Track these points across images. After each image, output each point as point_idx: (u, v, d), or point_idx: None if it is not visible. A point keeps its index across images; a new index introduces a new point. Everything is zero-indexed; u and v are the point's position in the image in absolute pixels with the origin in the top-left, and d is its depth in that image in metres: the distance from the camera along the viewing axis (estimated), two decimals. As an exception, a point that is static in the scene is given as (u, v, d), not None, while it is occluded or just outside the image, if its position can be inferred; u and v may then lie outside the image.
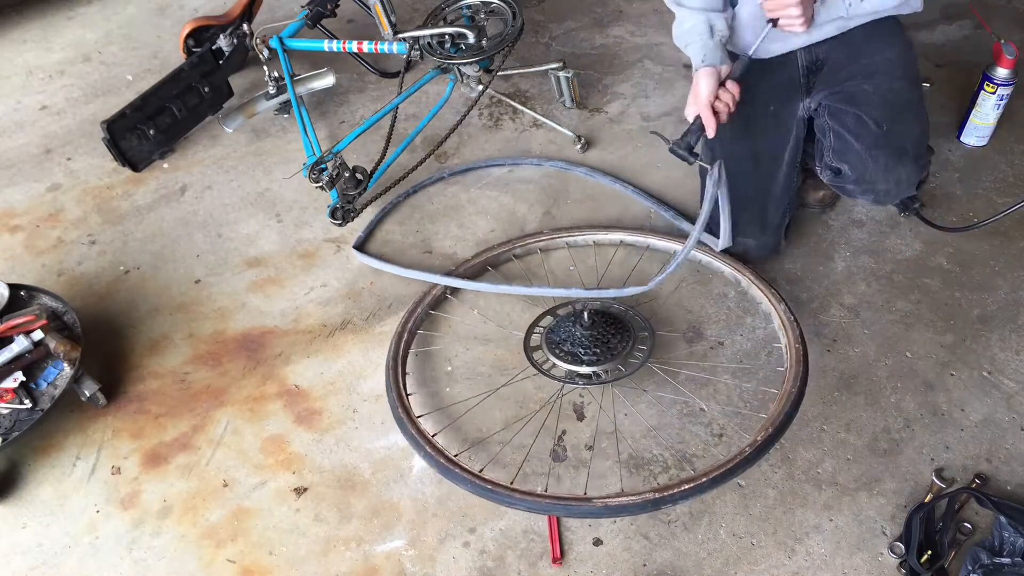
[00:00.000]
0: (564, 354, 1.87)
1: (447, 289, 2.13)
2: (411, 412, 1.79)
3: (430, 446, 1.71)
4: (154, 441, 1.90)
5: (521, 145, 2.63)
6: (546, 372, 1.87)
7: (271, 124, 2.78)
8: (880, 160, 1.95)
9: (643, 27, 3.12)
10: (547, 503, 1.60)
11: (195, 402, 1.97)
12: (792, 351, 1.83)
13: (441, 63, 2.52)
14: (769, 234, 2.09)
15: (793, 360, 1.81)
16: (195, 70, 2.66)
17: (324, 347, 2.07)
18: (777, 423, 1.68)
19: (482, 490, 1.63)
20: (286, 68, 2.55)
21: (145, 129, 2.57)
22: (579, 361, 1.85)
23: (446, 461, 1.68)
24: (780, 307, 1.94)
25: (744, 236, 2.09)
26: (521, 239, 2.25)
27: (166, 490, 1.80)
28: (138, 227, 2.44)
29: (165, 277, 2.28)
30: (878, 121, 1.95)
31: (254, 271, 2.28)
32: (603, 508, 1.58)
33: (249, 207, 2.48)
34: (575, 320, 1.91)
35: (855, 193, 2.05)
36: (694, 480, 1.58)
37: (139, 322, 2.16)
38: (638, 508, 1.58)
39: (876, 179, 1.98)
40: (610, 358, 1.85)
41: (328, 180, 2.17)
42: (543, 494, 1.63)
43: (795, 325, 1.88)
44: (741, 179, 2.06)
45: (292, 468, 1.83)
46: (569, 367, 1.85)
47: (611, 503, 1.58)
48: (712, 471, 1.60)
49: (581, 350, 1.86)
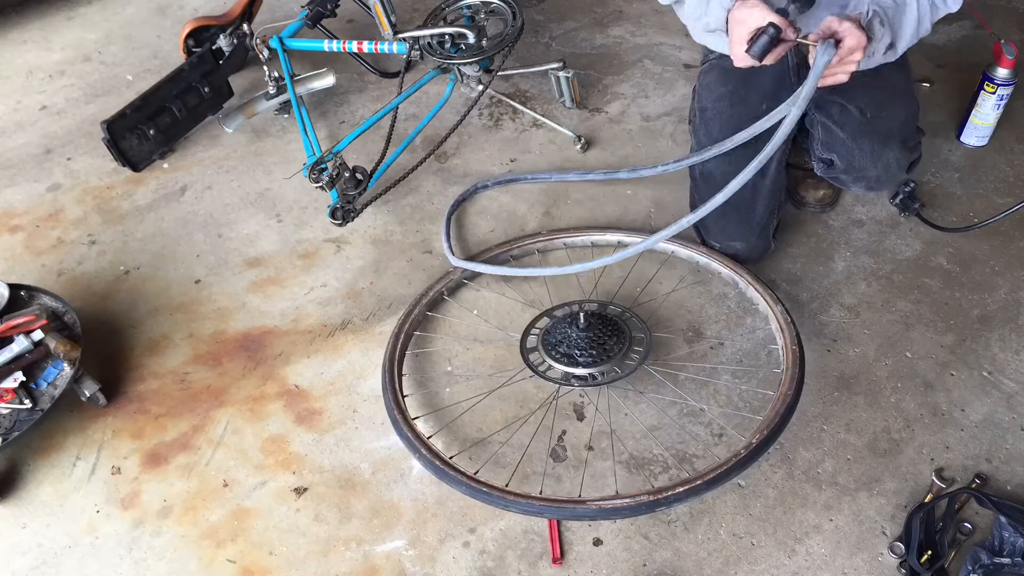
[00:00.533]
0: (560, 356, 1.87)
1: (444, 290, 2.13)
2: (407, 414, 1.80)
3: (425, 448, 1.71)
4: (154, 441, 1.90)
5: (521, 145, 2.63)
6: (542, 374, 1.87)
7: (271, 124, 2.78)
8: (865, 147, 1.98)
9: (643, 27, 3.12)
10: (541, 505, 1.60)
11: (195, 402, 1.97)
12: (789, 353, 1.83)
13: (441, 63, 2.52)
14: (757, 236, 2.09)
15: (790, 362, 1.81)
16: (195, 70, 2.66)
17: (324, 347, 2.07)
18: (773, 425, 1.68)
19: (477, 492, 1.63)
20: (286, 68, 2.55)
21: (145, 129, 2.57)
22: (575, 363, 1.85)
23: (441, 463, 1.68)
24: (777, 308, 1.94)
25: (732, 239, 2.09)
26: (519, 240, 2.25)
27: (166, 490, 1.80)
28: (138, 227, 2.44)
29: (165, 277, 2.28)
30: (862, 108, 1.97)
31: (254, 271, 2.28)
32: (597, 510, 1.58)
33: (249, 207, 2.48)
34: (571, 322, 1.91)
35: (848, 183, 2.09)
36: (689, 482, 1.59)
37: (139, 322, 2.16)
38: (632, 511, 1.58)
39: (865, 166, 2.01)
40: (606, 360, 1.85)
41: (328, 180, 2.17)
42: (537, 496, 1.63)
43: (792, 327, 1.88)
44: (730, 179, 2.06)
45: (292, 468, 1.83)
46: (565, 369, 1.85)
47: (605, 505, 1.58)
48: (708, 473, 1.60)
49: (577, 352, 1.86)
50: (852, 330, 2.03)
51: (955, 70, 2.78)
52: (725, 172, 2.06)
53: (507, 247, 2.22)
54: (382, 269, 2.26)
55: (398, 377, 1.89)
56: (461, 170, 2.56)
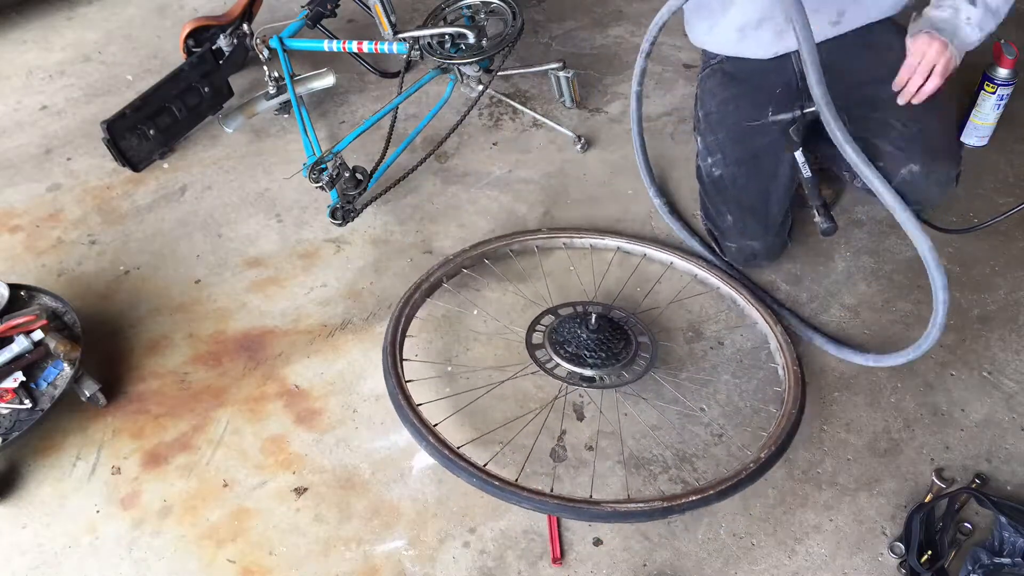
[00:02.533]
0: (569, 355, 1.86)
1: (444, 277, 2.12)
2: (412, 400, 1.77)
3: (433, 436, 1.68)
4: (154, 441, 1.90)
5: (521, 145, 2.63)
6: (550, 371, 1.86)
7: (271, 124, 2.78)
8: (916, 163, 1.94)
9: (643, 27, 3.12)
10: (555, 504, 1.58)
11: (195, 402, 1.97)
12: (791, 373, 1.84)
13: (441, 63, 2.52)
14: (773, 235, 2.09)
15: (792, 382, 1.82)
16: (195, 70, 2.66)
17: (324, 347, 2.07)
18: (779, 442, 1.70)
19: (488, 486, 1.60)
20: (286, 68, 2.55)
21: (145, 129, 2.57)
22: (584, 363, 1.84)
23: (451, 453, 1.65)
24: (777, 329, 1.94)
25: (749, 239, 2.08)
26: (519, 235, 2.25)
27: (166, 490, 1.80)
28: (138, 227, 2.44)
29: (165, 277, 2.28)
30: (904, 122, 1.94)
31: (254, 271, 2.28)
32: (612, 512, 1.56)
33: (249, 207, 2.49)
34: (581, 322, 1.91)
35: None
36: (702, 492, 1.59)
37: (139, 322, 2.16)
38: (646, 515, 1.58)
39: (916, 183, 1.96)
40: (614, 363, 1.85)
41: (328, 180, 2.17)
42: (551, 494, 1.61)
43: (791, 347, 1.90)
44: (742, 181, 2.06)
45: (292, 468, 1.83)
46: (573, 368, 1.85)
47: (620, 509, 1.56)
48: (719, 484, 1.61)
49: (586, 352, 1.85)
50: (852, 330, 2.03)
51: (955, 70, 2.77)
52: (734, 176, 2.06)
53: (507, 241, 2.22)
54: (382, 269, 2.26)
55: (400, 361, 1.86)
56: (461, 170, 2.56)
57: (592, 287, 2.15)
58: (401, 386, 1.79)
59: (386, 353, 1.87)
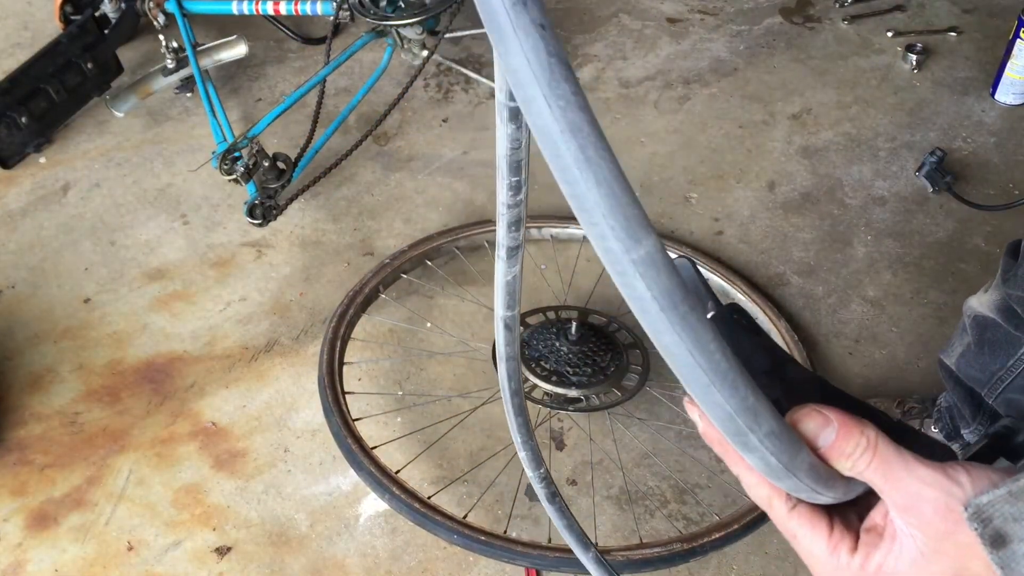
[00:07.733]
0: (546, 372, 1.85)
1: (380, 286, 2.12)
2: (363, 442, 1.76)
3: (397, 486, 1.66)
4: (40, 498, 1.87)
5: (477, 121, 2.63)
6: (526, 394, 1.86)
7: (171, 105, 2.76)
8: None
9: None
10: (556, 558, 1.57)
11: (89, 448, 1.94)
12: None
13: (376, 25, 2.51)
14: None
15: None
16: (75, 43, 2.63)
17: (246, 374, 2.06)
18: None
19: (471, 542, 1.59)
20: (187, 37, 2.53)
21: (15, 117, 2.53)
22: (567, 382, 1.84)
23: (421, 506, 1.64)
24: (781, 325, 1.98)
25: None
26: (465, 228, 2.25)
27: (57, 557, 1.77)
28: (10, 237, 2.40)
29: (47, 297, 2.25)
30: None
31: (157, 285, 2.26)
32: (625, 562, 1.56)
33: (148, 207, 2.46)
34: (558, 332, 1.90)
35: None
36: (726, 527, 1.60)
37: (16, 353, 2.13)
38: (665, 561, 1.57)
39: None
40: (602, 379, 1.85)
41: (244, 171, 2.16)
42: (549, 546, 1.59)
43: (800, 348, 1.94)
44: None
45: (212, 523, 1.81)
46: (555, 389, 1.84)
47: (634, 556, 1.56)
48: (743, 516, 1.62)
49: (568, 369, 1.85)
50: (877, 328, 2.06)
51: (985, 15, 2.84)
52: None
53: (451, 237, 2.23)
54: (313, 277, 2.25)
55: (342, 394, 1.85)
56: (405, 153, 2.56)
57: (561, 287, 2.16)
58: (348, 426, 1.78)
59: (323, 386, 1.86)
